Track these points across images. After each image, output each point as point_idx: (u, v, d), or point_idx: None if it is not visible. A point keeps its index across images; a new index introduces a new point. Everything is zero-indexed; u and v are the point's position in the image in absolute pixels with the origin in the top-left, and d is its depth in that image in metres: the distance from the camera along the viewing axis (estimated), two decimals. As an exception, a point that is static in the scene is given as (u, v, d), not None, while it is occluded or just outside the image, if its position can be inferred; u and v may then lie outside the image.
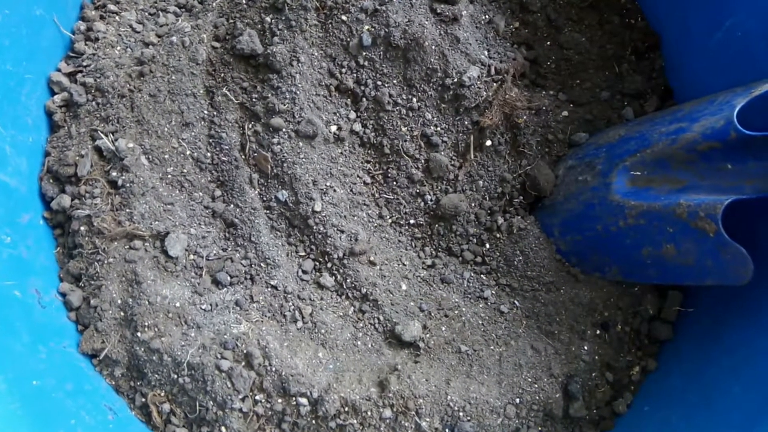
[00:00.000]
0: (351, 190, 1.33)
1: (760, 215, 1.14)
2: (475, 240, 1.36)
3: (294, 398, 1.11)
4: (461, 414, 1.12)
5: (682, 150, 1.13)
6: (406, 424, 1.11)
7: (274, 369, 1.13)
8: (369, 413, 1.10)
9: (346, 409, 1.11)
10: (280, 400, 1.12)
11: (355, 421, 1.10)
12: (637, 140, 1.23)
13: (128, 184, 1.24)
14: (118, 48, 1.35)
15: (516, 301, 1.30)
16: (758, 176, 1.07)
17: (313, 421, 1.12)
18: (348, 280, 1.29)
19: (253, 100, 1.30)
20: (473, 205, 1.35)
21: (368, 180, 1.35)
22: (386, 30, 1.26)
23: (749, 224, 1.15)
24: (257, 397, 1.13)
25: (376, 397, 1.12)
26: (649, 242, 1.15)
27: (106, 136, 1.26)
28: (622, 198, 1.19)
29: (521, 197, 1.36)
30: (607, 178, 1.24)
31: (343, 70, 1.31)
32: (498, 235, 1.35)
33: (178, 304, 1.19)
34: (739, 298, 1.16)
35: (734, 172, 1.09)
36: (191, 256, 1.25)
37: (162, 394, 1.16)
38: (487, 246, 1.35)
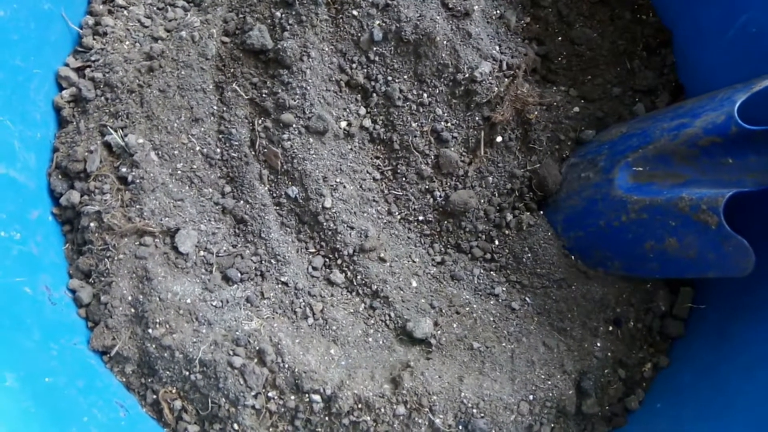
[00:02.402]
0: (361, 187, 1.33)
1: (761, 209, 1.14)
2: (484, 237, 1.35)
3: (307, 395, 1.11)
4: (475, 411, 1.12)
5: (683, 145, 1.15)
6: (420, 421, 1.10)
7: (286, 366, 1.12)
8: (382, 410, 1.10)
9: (360, 405, 1.10)
10: (292, 397, 1.12)
11: (368, 418, 1.10)
12: (639, 137, 1.24)
13: (138, 180, 1.23)
14: (127, 43, 1.34)
15: (527, 298, 1.30)
16: (759, 170, 1.08)
17: (326, 418, 1.11)
18: (358, 277, 1.29)
19: (263, 95, 1.29)
20: (482, 201, 1.34)
21: (378, 176, 1.35)
22: (397, 25, 1.25)
23: (750, 218, 1.15)
24: (270, 394, 1.12)
25: (390, 394, 1.11)
26: (652, 236, 1.16)
27: (116, 131, 1.25)
28: (624, 193, 1.20)
29: (531, 193, 1.36)
30: (610, 174, 1.25)
31: (354, 66, 1.30)
32: (507, 232, 1.34)
33: (189, 301, 1.18)
34: (751, 295, 1.16)
35: (735, 167, 1.11)
36: (201, 253, 1.25)
37: (173, 391, 1.16)
38: (496, 243, 1.35)
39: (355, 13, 1.27)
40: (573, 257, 1.32)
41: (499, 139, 1.33)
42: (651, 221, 1.15)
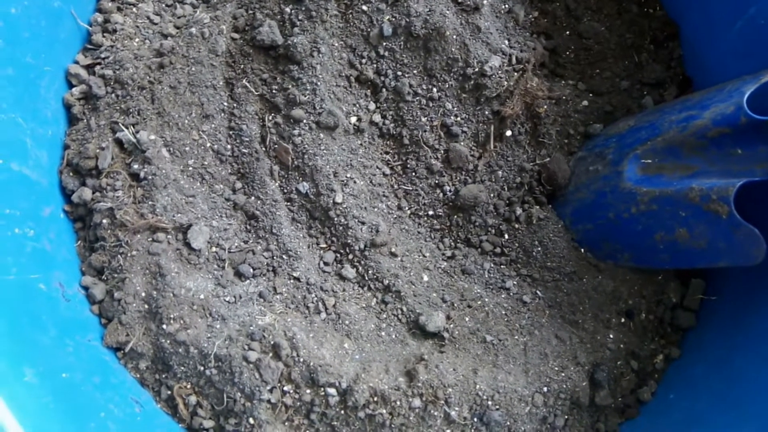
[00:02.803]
0: (371, 182, 1.33)
1: None
2: (493, 231, 1.36)
3: (323, 389, 1.11)
4: (490, 403, 1.12)
5: (692, 137, 1.16)
6: (435, 414, 1.11)
7: (302, 360, 1.12)
8: (398, 403, 1.10)
9: (375, 399, 1.11)
10: (308, 391, 1.12)
11: (384, 411, 1.10)
12: (647, 129, 1.25)
13: (150, 177, 1.23)
14: (137, 40, 1.34)
15: (538, 291, 1.30)
16: None
17: (342, 412, 1.12)
18: (370, 272, 1.29)
19: (274, 91, 1.30)
20: (492, 195, 1.35)
21: (388, 171, 1.35)
22: (407, 20, 1.25)
23: (760, 208, 1.16)
24: (285, 388, 1.12)
25: (405, 387, 1.12)
26: (662, 227, 1.17)
27: (127, 128, 1.25)
28: (633, 185, 1.21)
29: (540, 187, 1.37)
30: (618, 166, 1.26)
31: (364, 61, 1.30)
32: (516, 226, 1.35)
33: (202, 296, 1.18)
34: (763, 285, 1.16)
35: (745, 157, 1.11)
36: (213, 249, 1.25)
37: (188, 386, 1.16)
38: (506, 236, 1.35)
39: (364, 8, 1.27)
40: (583, 250, 1.32)
41: (508, 133, 1.34)
42: (661, 212, 1.16)
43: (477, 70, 1.27)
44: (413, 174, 1.34)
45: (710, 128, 1.12)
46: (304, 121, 1.28)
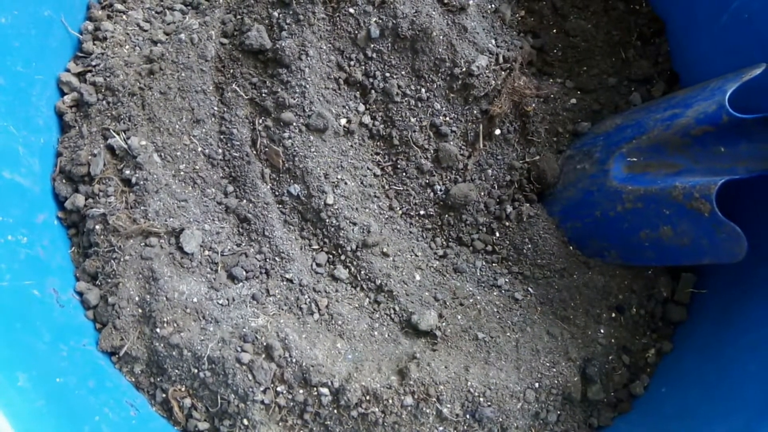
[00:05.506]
0: (362, 183, 1.34)
1: (753, 195, 1.17)
2: (484, 229, 1.37)
3: (315, 388, 1.12)
4: (482, 399, 1.13)
5: (676, 135, 1.17)
6: (428, 411, 1.12)
7: (294, 360, 1.13)
8: (390, 401, 1.11)
9: (368, 398, 1.11)
10: (301, 391, 1.13)
11: (376, 410, 1.11)
12: (633, 128, 1.26)
13: (142, 182, 1.24)
14: (127, 47, 1.35)
15: (529, 288, 1.31)
16: (750, 157, 1.11)
17: (335, 411, 1.13)
18: (362, 272, 1.30)
19: (263, 95, 1.31)
20: (482, 194, 1.36)
21: (378, 172, 1.36)
22: (394, 21, 1.26)
23: (742, 205, 1.17)
24: (279, 389, 1.13)
25: (397, 385, 1.13)
26: (647, 225, 1.18)
27: (119, 134, 1.26)
28: (619, 183, 1.23)
29: (530, 184, 1.37)
30: (605, 165, 1.27)
31: (352, 63, 1.31)
32: (507, 224, 1.36)
33: (195, 300, 1.19)
34: (752, 277, 1.17)
35: (727, 155, 1.13)
36: (206, 252, 1.26)
37: (183, 389, 1.17)
38: (497, 234, 1.36)
39: (351, 10, 1.28)
40: (572, 247, 1.33)
41: (497, 131, 1.35)
42: (646, 210, 1.17)
43: (464, 69, 1.28)
44: (404, 174, 1.35)
45: (693, 126, 1.14)
46: (294, 123, 1.29)
